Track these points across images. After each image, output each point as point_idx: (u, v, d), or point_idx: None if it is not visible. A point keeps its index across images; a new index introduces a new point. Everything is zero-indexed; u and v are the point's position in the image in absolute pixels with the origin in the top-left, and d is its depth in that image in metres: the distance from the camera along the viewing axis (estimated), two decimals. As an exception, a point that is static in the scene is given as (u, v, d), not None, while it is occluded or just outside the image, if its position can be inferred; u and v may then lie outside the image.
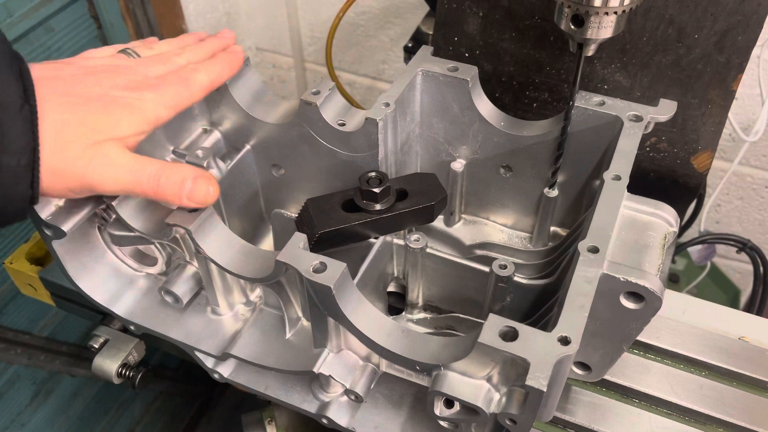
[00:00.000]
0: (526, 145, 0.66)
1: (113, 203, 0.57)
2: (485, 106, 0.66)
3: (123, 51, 0.59)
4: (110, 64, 0.56)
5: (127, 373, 0.86)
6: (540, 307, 0.62)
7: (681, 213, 0.73)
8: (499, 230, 0.75)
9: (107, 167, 0.50)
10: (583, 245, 0.50)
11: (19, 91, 0.46)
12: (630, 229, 0.53)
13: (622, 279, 0.48)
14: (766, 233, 1.43)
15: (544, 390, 0.41)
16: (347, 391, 0.61)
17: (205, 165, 0.68)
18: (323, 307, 0.52)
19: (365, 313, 0.52)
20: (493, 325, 0.45)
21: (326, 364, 0.59)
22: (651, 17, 0.67)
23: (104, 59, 0.57)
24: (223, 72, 0.62)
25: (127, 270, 0.68)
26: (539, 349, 0.43)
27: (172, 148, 0.70)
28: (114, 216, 0.60)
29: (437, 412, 0.51)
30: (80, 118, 0.49)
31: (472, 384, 0.48)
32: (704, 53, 0.68)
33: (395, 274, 0.72)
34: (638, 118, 0.60)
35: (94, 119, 0.50)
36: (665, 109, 0.62)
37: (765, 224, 1.42)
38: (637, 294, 0.49)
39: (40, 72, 0.50)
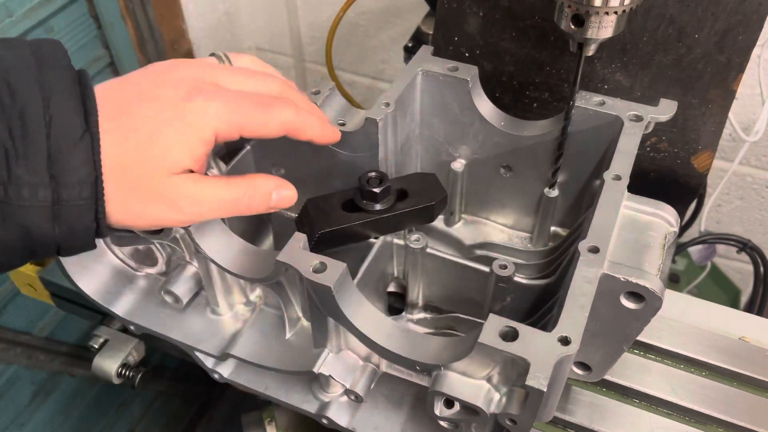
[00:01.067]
0: (527, 145, 0.66)
1: None
2: (485, 106, 0.66)
3: (213, 53, 0.51)
4: (182, 68, 0.48)
5: (127, 373, 0.86)
6: (540, 307, 0.62)
7: (681, 213, 0.73)
8: (500, 230, 0.75)
9: (185, 202, 0.45)
10: (583, 245, 0.50)
11: (79, 117, 0.41)
12: (630, 229, 0.53)
13: (622, 279, 0.48)
14: (767, 233, 1.43)
15: (545, 390, 0.41)
16: (347, 391, 0.61)
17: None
18: (323, 308, 0.52)
19: (365, 313, 0.52)
20: (493, 325, 0.45)
21: (326, 364, 0.59)
22: (651, 17, 0.67)
23: (185, 66, 0.48)
24: (312, 126, 0.52)
25: (127, 270, 0.68)
26: (539, 349, 0.43)
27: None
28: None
29: (437, 412, 0.51)
30: (135, 149, 0.43)
31: (473, 384, 0.48)
32: (705, 53, 0.68)
33: (395, 274, 0.72)
34: (638, 118, 0.60)
35: (145, 150, 0.44)
36: (665, 109, 0.62)
37: (765, 224, 1.42)
38: (637, 294, 0.49)
39: (104, 91, 0.44)
